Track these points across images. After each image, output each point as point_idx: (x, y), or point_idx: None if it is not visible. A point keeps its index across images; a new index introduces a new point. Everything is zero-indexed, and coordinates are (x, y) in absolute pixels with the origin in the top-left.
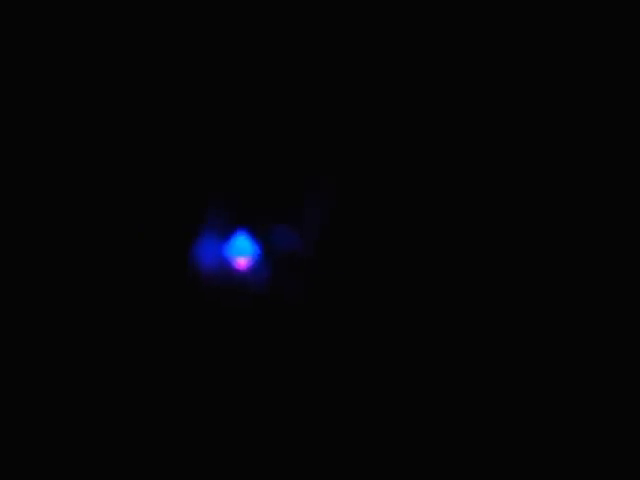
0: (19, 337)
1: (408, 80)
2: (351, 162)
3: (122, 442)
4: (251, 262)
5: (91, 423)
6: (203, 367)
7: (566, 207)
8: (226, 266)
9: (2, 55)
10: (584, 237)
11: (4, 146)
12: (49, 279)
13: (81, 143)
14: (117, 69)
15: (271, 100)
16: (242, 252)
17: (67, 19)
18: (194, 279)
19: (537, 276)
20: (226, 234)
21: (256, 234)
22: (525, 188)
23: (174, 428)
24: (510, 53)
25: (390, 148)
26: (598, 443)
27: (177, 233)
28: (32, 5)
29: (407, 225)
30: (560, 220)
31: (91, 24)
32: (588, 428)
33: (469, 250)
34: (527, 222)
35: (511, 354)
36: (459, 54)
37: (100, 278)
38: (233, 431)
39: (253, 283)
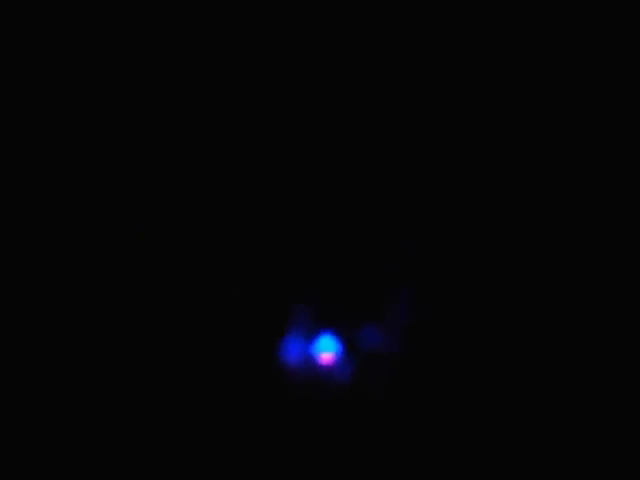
0: (19, 337)
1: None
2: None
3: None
4: (335, 359)
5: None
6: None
7: (566, 207)
8: (311, 362)
9: (2, 55)
10: (584, 237)
11: (4, 146)
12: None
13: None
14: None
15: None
16: (327, 349)
17: (67, 19)
18: (281, 374)
19: (537, 276)
20: (312, 332)
21: (340, 333)
22: (525, 188)
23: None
24: (510, 53)
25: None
26: (598, 443)
27: (265, 325)
28: (32, 5)
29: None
30: (560, 220)
31: (91, 24)
32: (588, 428)
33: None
34: (527, 222)
35: (512, 354)
36: (459, 54)
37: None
38: None
39: (337, 379)
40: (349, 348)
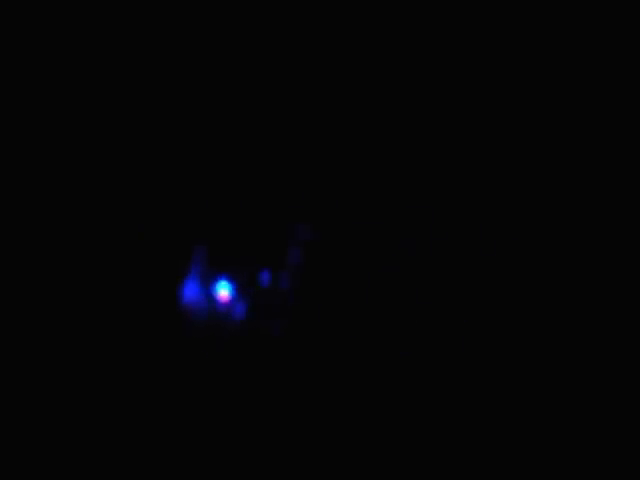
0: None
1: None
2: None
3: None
4: (230, 298)
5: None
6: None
7: (566, 207)
8: (210, 300)
9: (2, 55)
10: (584, 237)
11: (4, 146)
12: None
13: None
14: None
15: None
16: (224, 289)
17: (67, 19)
18: (181, 311)
19: (538, 277)
20: (210, 273)
21: (237, 274)
22: (525, 188)
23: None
24: (510, 53)
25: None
26: (598, 443)
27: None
28: (32, 5)
29: (383, 273)
30: (560, 220)
31: (91, 24)
32: (588, 428)
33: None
34: (527, 222)
35: (511, 354)
36: (459, 54)
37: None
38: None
39: (233, 316)
40: (245, 287)
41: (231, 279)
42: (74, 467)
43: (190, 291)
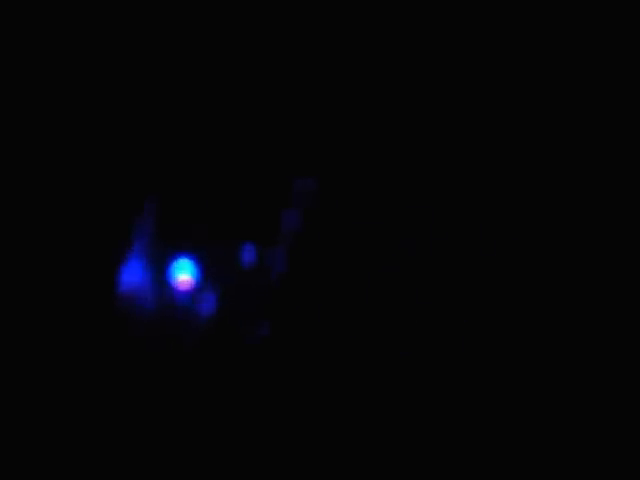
0: None
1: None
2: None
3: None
4: (193, 286)
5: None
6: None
7: (566, 207)
8: (163, 288)
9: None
10: (585, 238)
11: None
12: None
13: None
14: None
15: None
16: (183, 273)
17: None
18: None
19: (538, 277)
20: (164, 250)
21: (203, 251)
22: (525, 188)
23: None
24: (510, 53)
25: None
26: (598, 443)
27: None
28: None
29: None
30: (560, 221)
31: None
32: (588, 428)
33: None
34: (528, 222)
35: (511, 354)
36: (459, 54)
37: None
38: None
39: (196, 312)
40: (217, 269)
41: (195, 257)
42: None
43: (132, 275)
